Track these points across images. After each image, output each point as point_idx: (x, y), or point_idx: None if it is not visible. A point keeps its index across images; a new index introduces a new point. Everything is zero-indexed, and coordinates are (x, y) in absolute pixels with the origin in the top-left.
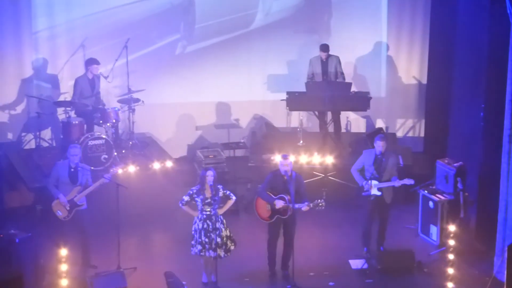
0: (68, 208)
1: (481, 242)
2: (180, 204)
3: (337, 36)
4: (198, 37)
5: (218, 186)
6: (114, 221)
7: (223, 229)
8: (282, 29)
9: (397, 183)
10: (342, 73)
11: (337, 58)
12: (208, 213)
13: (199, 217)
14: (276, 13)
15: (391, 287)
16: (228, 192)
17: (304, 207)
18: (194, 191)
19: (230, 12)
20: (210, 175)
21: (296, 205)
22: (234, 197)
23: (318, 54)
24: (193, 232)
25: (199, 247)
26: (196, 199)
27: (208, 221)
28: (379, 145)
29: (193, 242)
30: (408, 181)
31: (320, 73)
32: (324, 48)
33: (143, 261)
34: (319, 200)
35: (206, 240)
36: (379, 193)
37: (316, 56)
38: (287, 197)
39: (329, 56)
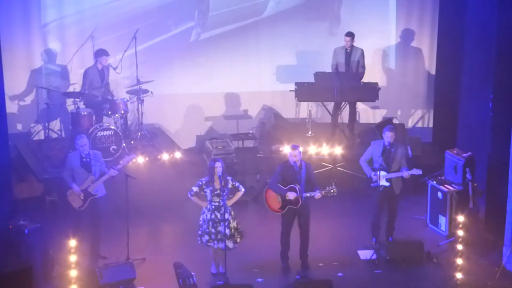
0: (82, 198)
1: (490, 232)
2: (189, 195)
3: (346, 26)
4: (209, 26)
5: (228, 178)
6: (123, 212)
7: (231, 220)
8: (293, 18)
9: (406, 173)
10: (363, 67)
11: (361, 50)
12: (217, 204)
13: (208, 208)
14: (287, 1)
15: (400, 277)
16: (237, 184)
17: (317, 195)
18: (203, 182)
19: (242, 0)
20: (218, 166)
21: (308, 194)
22: (243, 189)
23: (343, 45)
24: (200, 222)
25: (206, 237)
26: (205, 190)
27: (216, 212)
28: (388, 136)
29: (199, 232)
30: (416, 171)
31: (343, 63)
32: (349, 33)
33: (152, 252)
34: (330, 187)
35: (213, 230)
36: (387, 184)
37: (340, 46)
38: (297, 187)
39: (353, 46)
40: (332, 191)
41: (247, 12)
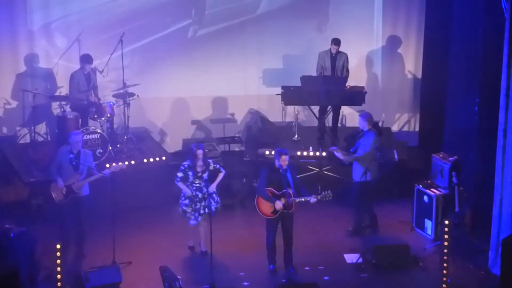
0: (64, 193)
1: (476, 236)
2: (176, 181)
3: (335, 25)
4: (203, 24)
5: (209, 161)
6: (109, 215)
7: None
8: (281, 17)
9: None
10: (348, 70)
11: (346, 55)
12: (198, 185)
13: (190, 189)
14: (278, 0)
15: (386, 281)
16: (218, 166)
17: (312, 200)
18: (186, 166)
19: (231, 0)
20: (200, 152)
21: (303, 198)
22: (223, 171)
23: (328, 48)
24: (184, 207)
25: (197, 214)
26: (188, 173)
27: (198, 191)
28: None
29: (188, 215)
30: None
31: (329, 67)
32: (336, 41)
33: (138, 256)
34: (326, 192)
35: (195, 207)
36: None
37: (325, 50)
38: (289, 191)
39: (338, 51)
40: (327, 195)
41: (236, 13)
